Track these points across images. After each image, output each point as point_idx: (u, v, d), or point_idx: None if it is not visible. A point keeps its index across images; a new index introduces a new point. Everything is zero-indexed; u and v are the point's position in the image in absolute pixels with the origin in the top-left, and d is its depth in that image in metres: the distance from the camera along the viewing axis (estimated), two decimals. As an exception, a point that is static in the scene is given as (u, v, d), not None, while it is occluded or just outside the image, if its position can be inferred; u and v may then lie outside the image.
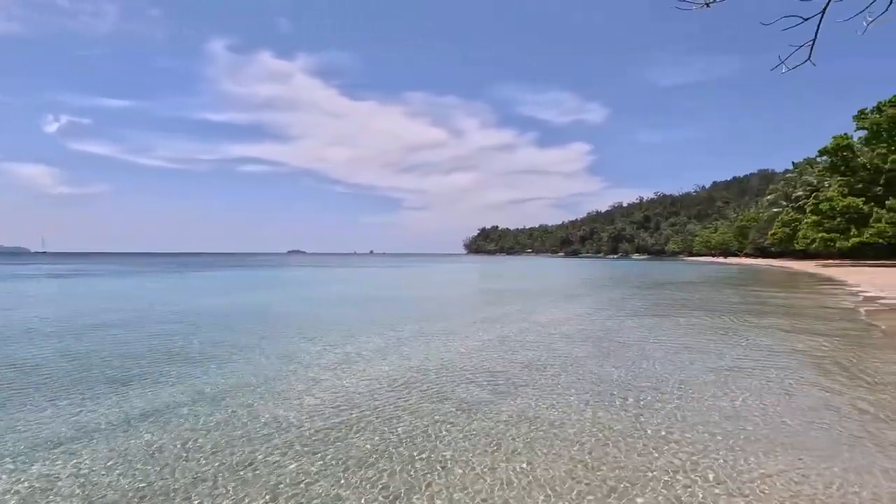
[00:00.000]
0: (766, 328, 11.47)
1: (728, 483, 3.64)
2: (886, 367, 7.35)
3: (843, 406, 5.47)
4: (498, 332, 10.85)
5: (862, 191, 51.89)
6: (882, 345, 9.19)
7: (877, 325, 11.51)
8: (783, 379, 6.70)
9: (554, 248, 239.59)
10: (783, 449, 4.26)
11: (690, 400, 5.74)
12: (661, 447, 4.32)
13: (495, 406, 5.51)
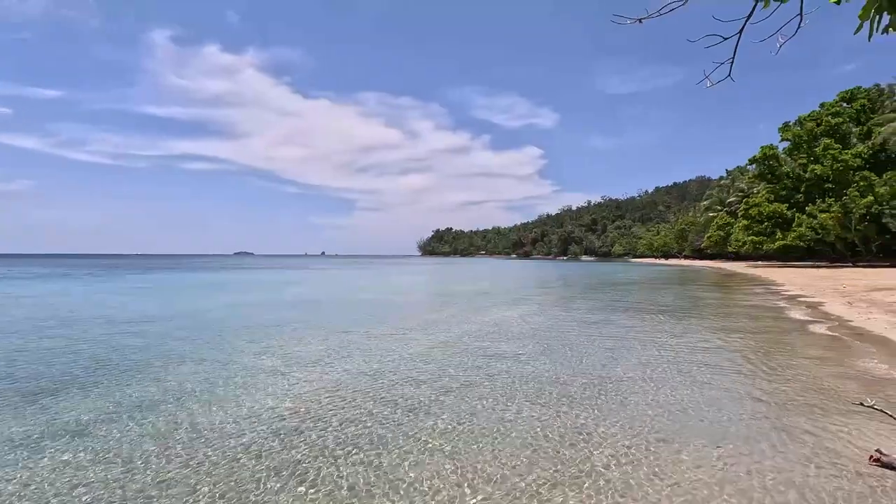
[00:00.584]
0: (696, 326, 12.09)
1: (654, 470, 3.76)
2: (799, 361, 7.88)
3: (761, 397, 5.82)
4: (447, 333, 10.83)
5: (786, 197, 55.96)
6: (798, 341, 9.87)
7: (797, 322, 12.38)
8: (708, 373, 7.05)
9: (507, 250, 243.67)
10: (703, 437, 4.46)
11: (624, 394, 5.92)
12: (591, 439, 4.42)
13: (440, 406, 5.46)
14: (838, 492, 3.51)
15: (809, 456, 4.13)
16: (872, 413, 4.73)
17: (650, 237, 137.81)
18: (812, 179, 51.66)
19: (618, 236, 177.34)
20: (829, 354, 8.35)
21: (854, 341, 9.46)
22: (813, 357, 8.18)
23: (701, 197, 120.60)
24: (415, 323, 12.78)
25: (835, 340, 9.68)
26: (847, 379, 6.66)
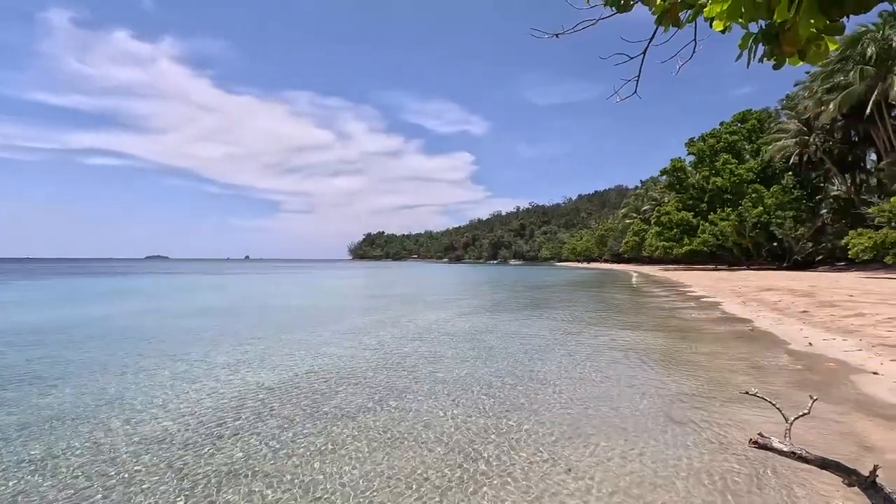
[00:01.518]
0: (611, 326, 12.86)
1: (569, 464, 3.95)
2: (696, 356, 8.64)
3: (664, 390, 6.30)
4: (376, 337, 10.70)
5: (692, 206, 61.29)
6: (698, 337, 10.81)
7: (698, 320, 13.55)
8: (619, 369, 7.53)
9: (439, 255, 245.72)
10: (612, 431, 4.75)
11: (542, 393, 6.17)
12: (510, 438, 4.56)
13: (371, 411, 5.37)
14: (724, 472, 3.88)
15: (702, 442, 4.54)
16: (756, 401, 5.26)
17: (574, 242, 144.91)
18: (714, 190, 56.94)
19: (544, 241, 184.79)
20: (723, 349, 9.21)
21: (745, 337, 10.52)
22: (709, 352, 8.98)
23: (619, 205, 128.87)
24: (340, 328, 12.50)
25: (729, 336, 10.70)
26: (736, 371, 7.38)
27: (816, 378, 6.73)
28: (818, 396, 4.01)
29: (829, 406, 5.32)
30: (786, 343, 9.41)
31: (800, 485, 3.61)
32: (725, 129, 60.27)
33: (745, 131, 58.69)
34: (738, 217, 51.80)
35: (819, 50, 2.22)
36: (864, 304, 13.81)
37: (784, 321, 12.19)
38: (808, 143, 44.35)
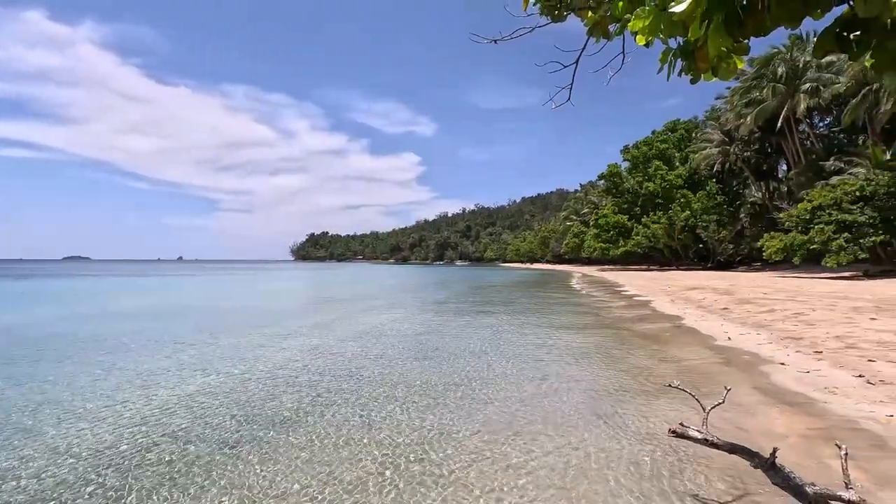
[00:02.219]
0: (550, 324, 13.31)
1: (510, 462, 4.04)
2: (628, 352, 9.12)
3: (598, 385, 6.60)
4: (315, 339, 10.45)
5: (627, 209, 64.59)
6: (630, 335, 11.40)
7: (631, 319, 14.29)
8: (557, 367, 7.81)
9: (385, 255, 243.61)
10: (550, 427, 4.92)
11: (482, 392, 6.29)
12: (451, 437, 4.61)
13: (301, 413, 5.23)
14: (651, 461, 4.13)
15: (631, 434, 4.80)
16: (682, 392, 5.63)
17: (518, 243, 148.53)
18: (646, 195, 60.22)
19: (490, 242, 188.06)
20: (652, 345, 9.77)
21: (672, 333, 11.21)
22: (639, 348, 9.50)
23: (561, 207, 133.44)
24: (277, 331, 12.10)
25: (658, 333, 11.37)
26: (664, 365, 7.86)
27: (733, 370, 7.29)
28: (732, 387, 4.34)
29: (743, 395, 5.78)
30: (708, 338, 10.11)
31: (717, 469, 3.90)
32: (657, 137, 63.96)
33: (675, 140, 62.53)
34: (669, 220, 55.11)
35: (728, 67, 2.41)
36: (775, 301, 15.11)
37: (707, 318, 13.10)
38: (730, 152, 47.95)
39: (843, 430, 4.51)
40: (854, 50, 1.82)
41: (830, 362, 7.17)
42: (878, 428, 4.53)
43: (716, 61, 2.35)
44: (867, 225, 26.33)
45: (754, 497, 3.35)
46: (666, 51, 2.48)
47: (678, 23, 2.19)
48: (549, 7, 3.45)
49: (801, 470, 3.40)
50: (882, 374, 6.34)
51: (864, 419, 4.77)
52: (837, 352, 7.78)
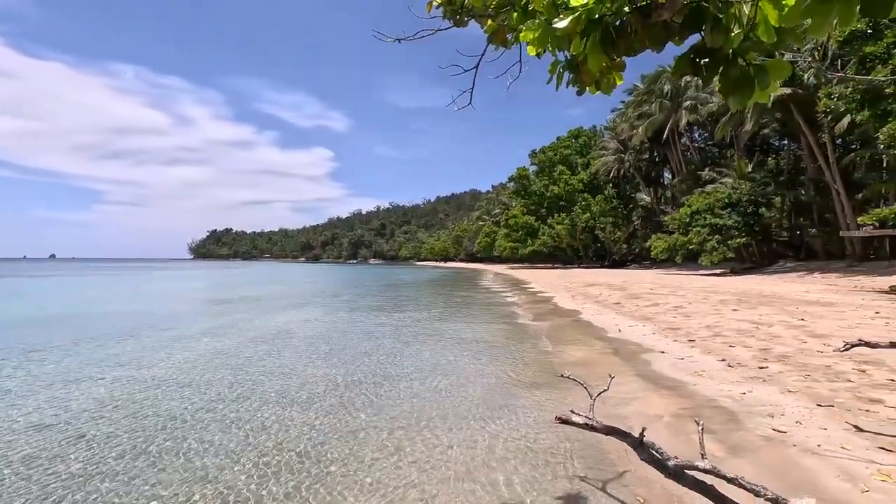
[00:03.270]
0: (459, 321, 13.66)
1: (420, 455, 4.08)
2: (530, 346, 9.64)
3: (501, 378, 6.90)
4: (214, 345, 9.76)
5: (534, 211, 68.11)
6: (533, 329, 12.04)
7: (535, 314, 15.08)
8: (464, 362, 8.04)
9: (295, 254, 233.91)
10: (457, 419, 5.06)
11: (392, 389, 6.30)
12: (361, 434, 4.57)
13: (202, 420, 4.87)
14: (542, 446, 4.40)
15: (528, 422, 5.08)
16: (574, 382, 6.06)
17: (432, 242, 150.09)
18: (552, 198, 63.88)
19: (404, 241, 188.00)
20: (552, 338, 10.40)
21: (571, 326, 12.01)
22: (540, 341, 10.07)
23: (474, 207, 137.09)
24: (169, 335, 11.16)
25: (558, 327, 12.12)
26: (561, 356, 8.40)
27: (621, 359, 7.98)
28: (618, 375, 4.74)
29: (627, 382, 6.35)
30: (602, 330, 10.97)
31: (605, 450, 4.25)
32: (562, 143, 68.06)
33: (578, 146, 66.97)
34: (571, 222, 58.93)
35: (609, 82, 2.63)
36: (659, 296, 16.77)
37: (602, 312, 14.20)
38: (624, 160, 52.37)
39: (706, 409, 5.13)
40: (704, 74, 2.08)
41: (701, 349, 8.12)
42: (734, 405, 5.21)
43: (598, 76, 2.55)
44: (733, 228, 30.14)
45: (636, 473, 3.71)
46: (554, 63, 2.65)
47: (563, 37, 2.35)
48: (452, 11, 3.53)
49: (671, 445, 3.81)
50: (739, 357, 7.30)
51: (723, 398, 5.47)
52: (706, 340, 8.83)
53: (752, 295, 15.97)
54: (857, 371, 6.07)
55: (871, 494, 3.18)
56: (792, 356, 7.10)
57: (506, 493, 3.64)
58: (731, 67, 2.04)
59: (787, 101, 27.52)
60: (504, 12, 3.07)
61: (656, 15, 1.95)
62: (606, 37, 2.04)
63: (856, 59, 16.11)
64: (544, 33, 2.38)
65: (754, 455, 3.94)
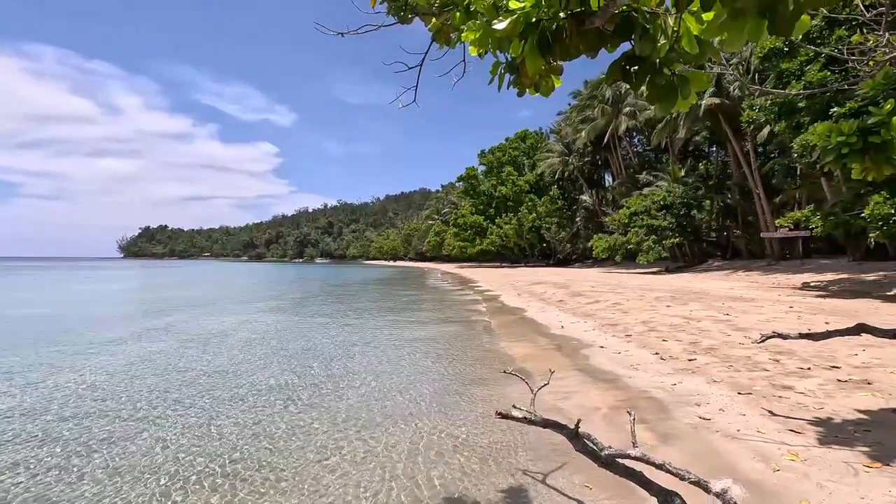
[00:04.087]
0: (407, 320, 13.63)
1: (368, 452, 4.03)
2: (477, 343, 9.78)
3: (448, 375, 6.95)
4: (147, 347, 9.20)
5: (483, 211, 69.03)
6: (480, 328, 12.22)
7: (483, 312, 15.30)
8: (412, 360, 8.04)
9: (237, 252, 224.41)
10: (408, 415, 5.05)
11: (342, 389, 6.19)
12: (314, 436, 4.45)
13: (131, 430, 4.57)
14: (486, 441, 4.48)
15: (474, 418, 5.15)
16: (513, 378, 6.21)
17: (381, 241, 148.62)
18: (500, 198, 64.99)
19: (353, 240, 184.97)
20: (498, 336, 10.59)
21: (516, 323, 12.28)
22: (486, 339, 10.23)
23: (423, 206, 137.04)
24: (97, 339, 10.41)
25: (504, 324, 12.35)
26: (507, 354, 8.57)
27: (563, 354, 8.25)
28: (559, 370, 4.89)
29: (569, 376, 6.58)
30: (546, 327, 11.29)
31: (545, 443, 4.38)
32: (509, 144, 69.41)
33: (525, 148, 68.52)
34: (518, 222, 60.23)
35: (548, 85, 2.70)
36: (599, 294, 17.48)
37: (546, 309, 14.62)
38: (568, 162, 54.14)
39: (640, 400, 5.40)
40: (634, 81, 2.18)
41: (636, 344, 8.54)
42: (665, 395, 5.52)
43: (537, 78, 2.62)
44: (668, 229, 31.92)
45: (574, 463, 3.85)
46: (496, 63, 2.69)
47: (503, 39, 2.39)
48: (396, 8, 3.51)
49: (607, 436, 3.99)
50: (671, 351, 7.74)
51: (656, 389, 5.78)
52: (642, 335, 9.30)
53: (683, 292, 16.99)
54: (772, 361, 6.61)
55: (781, 473, 3.46)
56: (717, 349, 7.61)
57: (450, 488, 3.67)
58: (657, 76, 2.15)
59: (716, 111, 29.49)
60: (447, 11, 3.08)
61: (589, 22, 2.03)
62: (543, 40, 2.09)
63: (774, 75, 17.49)
64: (485, 34, 2.42)
65: (682, 442, 4.20)
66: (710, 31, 1.92)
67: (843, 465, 3.49)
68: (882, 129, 3.83)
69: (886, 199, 13.85)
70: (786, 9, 1.62)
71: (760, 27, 1.72)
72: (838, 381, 5.54)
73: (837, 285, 17.05)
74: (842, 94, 13.36)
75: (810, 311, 10.99)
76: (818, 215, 17.42)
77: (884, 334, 4.03)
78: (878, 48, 5.15)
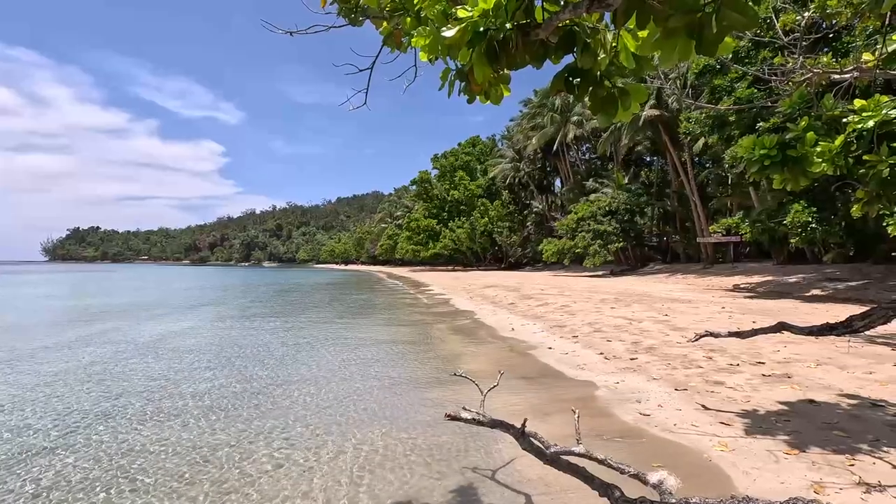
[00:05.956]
0: (360, 325, 13.46)
1: (333, 455, 3.93)
2: (429, 345, 9.81)
3: (403, 379, 6.93)
4: (74, 359, 8.56)
5: (436, 214, 69.27)
6: (432, 330, 12.25)
7: (435, 315, 15.35)
8: (367, 365, 7.94)
9: (178, 256, 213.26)
10: (368, 421, 4.98)
11: (299, 396, 6.02)
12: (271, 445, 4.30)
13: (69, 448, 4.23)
14: (442, 443, 4.50)
15: (425, 420, 5.15)
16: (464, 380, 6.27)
17: (333, 244, 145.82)
18: (452, 202, 65.50)
19: (303, 242, 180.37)
20: (449, 338, 10.66)
21: (467, 326, 12.40)
22: (437, 342, 10.27)
23: (376, 209, 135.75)
24: (20, 349, 9.60)
25: (455, 327, 12.45)
26: (457, 356, 8.64)
27: (513, 355, 8.41)
28: (508, 371, 4.99)
29: (518, 377, 6.72)
30: (496, 329, 11.47)
31: (495, 443, 4.45)
32: (462, 149, 70.12)
33: (476, 153, 69.44)
34: (471, 225, 60.91)
35: (497, 93, 2.77)
36: (549, 296, 17.97)
37: (498, 312, 14.85)
38: (520, 168, 55.37)
39: (585, 398, 5.60)
40: (577, 92, 2.28)
41: (583, 344, 8.84)
42: (609, 393, 5.75)
43: (486, 86, 2.68)
44: (613, 234, 33.29)
45: (522, 461, 3.94)
46: (446, 70, 2.72)
47: (452, 46, 2.43)
48: (347, 10, 3.49)
49: (554, 434, 4.10)
50: (615, 350, 8.08)
51: (601, 387, 6.01)
52: (588, 335, 9.64)
53: (627, 294, 17.76)
54: (706, 358, 7.04)
55: (713, 463, 3.70)
56: (657, 348, 8.02)
57: (401, 489, 3.66)
58: (598, 88, 2.26)
59: (656, 122, 31.13)
60: (398, 16, 3.10)
61: (535, 33, 2.10)
62: (490, 50, 2.15)
63: (708, 90, 18.71)
64: (435, 41, 2.45)
65: (624, 437, 4.39)
66: (645, 48, 2.04)
67: (766, 453, 3.78)
68: (798, 143, 4.19)
69: (805, 207, 15.11)
70: (710, 31, 1.75)
71: (689, 47, 1.85)
72: (763, 375, 5.98)
73: (764, 287, 18.38)
74: (766, 111, 14.47)
75: (740, 311, 11.79)
76: (747, 222, 18.74)
77: (801, 331, 4.39)
78: (795, 70, 5.63)
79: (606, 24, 2.21)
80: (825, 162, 4.10)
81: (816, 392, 5.23)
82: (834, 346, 7.27)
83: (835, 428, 4.21)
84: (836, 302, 13.39)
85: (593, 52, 2.19)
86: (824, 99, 4.64)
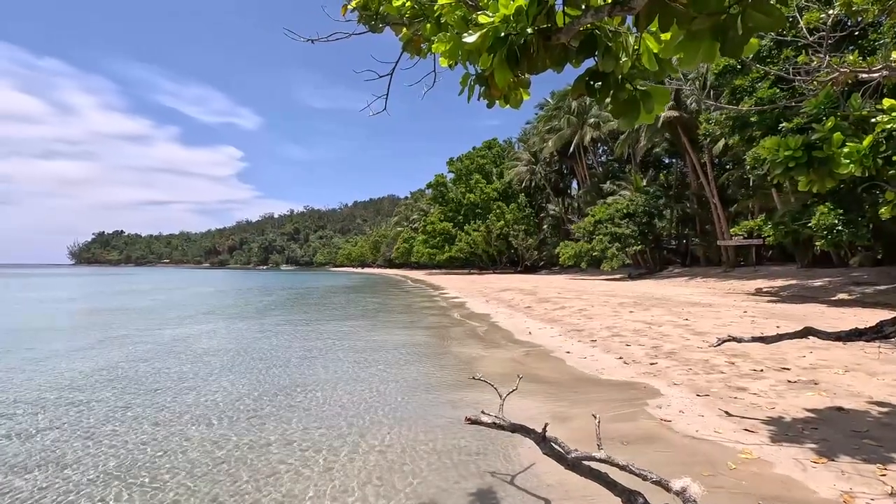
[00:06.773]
0: (379, 326, 13.53)
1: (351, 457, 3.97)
2: (446, 349, 9.80)
3: (423, 381, 6.95)
4: (103, 358, 8.78)
5: (452, 218, 69.34)
6: (449, 333, 12.25)
7: (452, 319, 15.34)
8: (386, 366, 7.98)
9: (198, 259, 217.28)
10: (386, 423, 5.01)
11: (321, 398, 6.08)
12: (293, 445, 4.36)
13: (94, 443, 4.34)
14: (462, 446, 4.50)
15: (444, 423, 5.16)
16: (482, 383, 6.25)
17: (349, 248, 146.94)
18: (468, 205, 65.48)
19: (320, 246, 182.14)
20: (465, 342, 10.64)
21: (483, 330, 12.37)
22: (454, 346, 10.26)
23: (392, 213, 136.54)
24: (52, 349, 9.88)
25: (471, 331, 12.42)
26: (475, 359, 8.62)
27: (530, 359, 8.36)
28: (522, 375, 4.97)
29: (535, 380, 6.68)
30: (513, 333, 11.42)
31: (514, 447, 4.43)
32: (477, 153, 70.11)
33: (492, 156, 69.37)
34: (487, 229, 60.81)
35: (517, 97, 2.77)
36: (566, 300, 17.82)
37: (514, 315, 14.79)
38: (535, 171, 55.16)
39: (605, 402, 5.53)
40: (598, 96, 2.28)
41: (601, 348, 8.75)
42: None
43: (506, 90, 2.69)
44: (630, 237, 32.90)
45: (542, 465, 3.91)
46: (465, 76, 2.74)
47: (473, 52, 2.45)
48: (367, 17, 3.53)
49: (575, 439, 4.07)
50: (634, 355, 7.97)
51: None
52: (606, 339, 9.54)
53: (645, 298, 17.52)
54: (728, 363, 6.90)
55: (736, 470, 3.63)
56: (678, 352, 7.89)
57: (420, 491, 3.67)
58: (620, 91, 2.25)
59: (675, 123, 30.72)
60: (418, 22, 3.13)
61: (555, 38, 2.11)
62: (511, 54, 2.16)
63: (728, 91, 18.40)
64: (455, 46, 2.47)
65: (645, 443, 4.33)
66: (668, 51, 2.03)
67: (793, 462, 3.69)
68: (825, 144, 4.10)
69: (830, 210, 14.73)
70: (735, 33, 1.73)
71: (713, 49, 1.84)
72: (788, 381, 5.84)
73: (787, 291, 17.97)
74: (790, 111, 14.18)
75: (763, 316, 11.54)
76: (769, 224, 18.35)
77: (828, 337, 4.29)
78: (820, 69, 5.52)
79: (628, 27, 2.20)
80: (853, 163, 4.01)
81: (845, 399, 5.09)
82: (863, 352, 7.07)
83: (865, 436, 4.09)
84: (863, 306, 13.02)
85: (615, 55, 2.18)
86: (851, 98, 4.53)
